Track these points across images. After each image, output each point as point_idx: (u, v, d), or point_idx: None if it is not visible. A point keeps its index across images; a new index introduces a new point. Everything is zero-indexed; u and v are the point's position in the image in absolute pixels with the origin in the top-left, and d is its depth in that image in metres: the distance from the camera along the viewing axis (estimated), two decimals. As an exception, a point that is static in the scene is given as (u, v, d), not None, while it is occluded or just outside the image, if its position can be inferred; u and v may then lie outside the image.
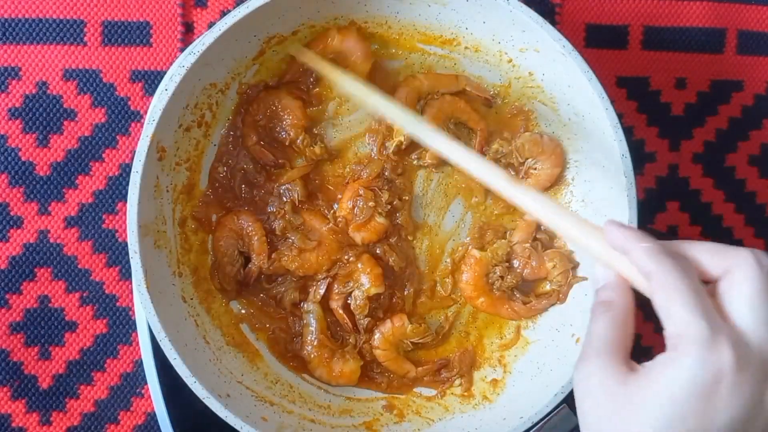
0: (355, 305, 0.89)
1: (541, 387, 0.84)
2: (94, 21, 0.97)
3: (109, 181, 0.97)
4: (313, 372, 0.89)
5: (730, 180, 1.06)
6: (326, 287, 0.89)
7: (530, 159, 0.90)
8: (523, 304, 0.90)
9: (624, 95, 1.04)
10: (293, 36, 0.88)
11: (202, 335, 0.85)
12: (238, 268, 0.89)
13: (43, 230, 0.97)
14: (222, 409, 0.79)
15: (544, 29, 0.81)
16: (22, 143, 0.96)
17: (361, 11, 0.88)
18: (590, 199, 0.88)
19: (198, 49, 0.79)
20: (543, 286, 0.91)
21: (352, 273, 0.89)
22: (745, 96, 1.06)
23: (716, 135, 1.05)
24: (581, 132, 0.87)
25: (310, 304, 0.89)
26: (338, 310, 0.89)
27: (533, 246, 0.90)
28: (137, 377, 0.98)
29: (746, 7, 1.06)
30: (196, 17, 0.98)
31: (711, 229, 1.06)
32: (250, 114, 0.89)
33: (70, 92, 0.97)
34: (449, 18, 0.88)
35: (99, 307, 0.97)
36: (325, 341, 0.89)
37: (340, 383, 0.89)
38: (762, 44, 1.06)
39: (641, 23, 1.04)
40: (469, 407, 0.89)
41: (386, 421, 0.88)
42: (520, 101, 0.91)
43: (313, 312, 0.89)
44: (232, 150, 0.89)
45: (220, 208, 0.89)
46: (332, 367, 0.89)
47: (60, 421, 0.97)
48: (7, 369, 0.96)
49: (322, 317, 0.89)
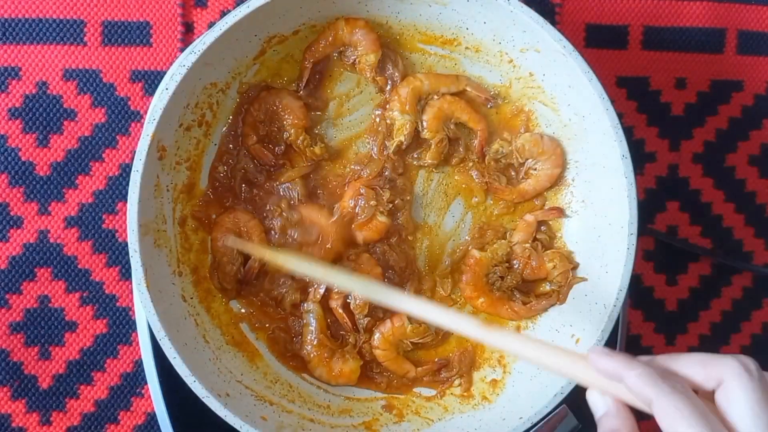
0: (355, 305, 0.89)
1: (541, 388, 0.84)
2: (94, 21, 0.97)
3: (109, 181, 0.97)
4: (313, 371, 0.89)
5: (730, 180, 1.06)
6: (326, 287, 0.89)
7: (530, 159, 0.90)
8: (523, 304, 0.90)
9: (624, 95, 1.04)
10: (294, 35, 0.88)
11: (202, 334, 0.85)
12: (238, 267, 0.89)
13: (43, 230, 0.97)
14: (221, 409, 0.79)
15: (544, 30, 0.81)
16: (22, 143, 0.96)
17: (362, 11, 0.88)
18: (590, 200, 0.88)
19: (199, 48, 0.79)
20: (543, 286, 0.91)
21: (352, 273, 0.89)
22: (745, 96, 1.06)
23: (716, 135, 1.06)
24: (582, 133, 0.87)
25: (310, 304, 0.89)
26: (338, 309, 0.89)
27: (533, 246, 0.90)
28: (137, 377, 0.98)
29: (746, 7, 1.06)
30: (196, 17, 0.98)
31: (711, 229, 1.06)
32: (250, 114, 0.89)
33: (70, 92, 0.97)
34: (450, 18, 0.88)
35: (99, 307, 0.97)
36: (324, 341, 0.89)
37: (340, 383, 0.89)
38: (762, 44, 1.06)
39: (641, 23, 1.04)
40: (468, 407, 0.89)
41: (385, 421, 0.88)
42: (520, 102, 0.91)
43: (313, 311, 0.89)
44: (232, 150, 0.89)
45: (220, 207, 0.89)
46: (332, 367, 0.89)
47: (60, 421, 0.97)
48: (7, 369, 0.96)
49: (322, 317, 0.89)
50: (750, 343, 1.06)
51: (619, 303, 0.82)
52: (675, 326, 1.05)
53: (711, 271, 1.06)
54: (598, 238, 0.86)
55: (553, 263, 0.89)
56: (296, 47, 0.89)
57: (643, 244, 1.05)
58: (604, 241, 0.85)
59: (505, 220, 0.93)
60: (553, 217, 0.91)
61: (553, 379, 0.83)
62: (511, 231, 0.92)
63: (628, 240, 0.81)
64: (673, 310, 1.05)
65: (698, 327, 1.06)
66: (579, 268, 0.89)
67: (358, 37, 0.88)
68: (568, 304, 0.89)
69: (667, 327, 1.05)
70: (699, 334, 1.05)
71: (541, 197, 0.92)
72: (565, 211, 0.91)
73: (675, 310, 1.05)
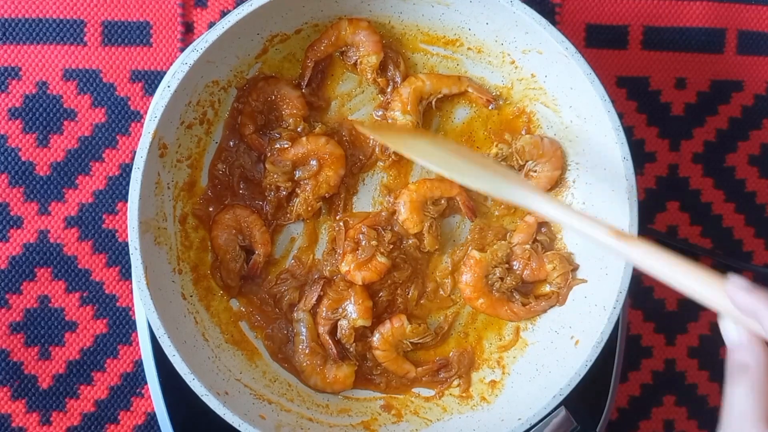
0: (341, 334, 0.89)
1: (540, 389, 0.84)
2: (94, 21, 0.97)
3: (109, 181, 0.97)
4: (307, 381, 0.89)
5: (730, 180, 1.06)
6: (318, 296, 0.89)
7: (530, 161, 0.90)
8: (523, 305, 0.90)
9: (624, 95, 1.04)
10: (296, 34, 0.88)
11: (201, 332, 0.85)
12: (241, 264, 0.89)
13: (43, 230, 0.96)
14: (220, 407, 0.79)
15: (547, 31, 0.81)
16: (22, 143, 0.96)
17: (364, 11, 0.88)
18: (591, 202, 0.88)
19: (201, 46, 0.79)
20: (542, 287, 0.91)
21: (342, 299, 0.89)
22: (745, 96, 1.06)
23: (716, 135, 1.05)
24: (583, 134, 0.87)
25: (301, 313, 0.89)
26: (324, 335, 0.89)
27: (533, 248, 0.90)
28: (137, 377, 0.98)
29: (746, 7, 1.05)
30: (196, 17, 0.98)
31: (711, 229, 1.06)
32: (248, 104, 0.89)
33: (70, 92, 0.96)
34: (452, 19, 0.88)
35: (99, 307, 0.97)
36: (316, 348, 0.89)
37: (336, 389, 0.89)
38: (762, 44, 1.06)
39: (641, 23, 1.04)
40: (467, 408, 0.89)
41: (384, 421, 0.88)
42: (522, 103, 0.91)
43: (304, 320, 0.89)
44: (231, 147, 0.89)
45: (220, 205, 0.89)
46: (326, 374, 0.88)
47: (60, 421, 0.98)
48: (7, 369, 0.96)
49: (312, 326, 0.89)
50: (749, 344, 1.06)
51: (618, 305, 0.82)
52: (675, 326, 1.05)
53: (711, 271, 1.06)
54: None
55: (553, 265, 0.89)
56: (298, 46, 0.89)
57: (643, 245, 1.05)
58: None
59: (505, 221, 0.93)
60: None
61: (552, 381, 0.83)
62: (511, 232, 0.92)
63: (628, 242, 0.81)
64: (673, 310, 1.05)
65: (698, 327, 1.06)
66: (579, 269, 0.89)
67: (361, 38, 0.88)
68: (567, 305, 0.89)
69: (667, 327, 1.05)
70: (699, 334, 1.05)
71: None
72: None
73: (675, 310, 1.05)
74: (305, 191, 0.88)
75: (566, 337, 0.86)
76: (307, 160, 0.88)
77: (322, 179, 0.88)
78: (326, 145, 0.88)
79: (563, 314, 0.89)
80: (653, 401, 1.05)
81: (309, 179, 0.88)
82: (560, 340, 0.87)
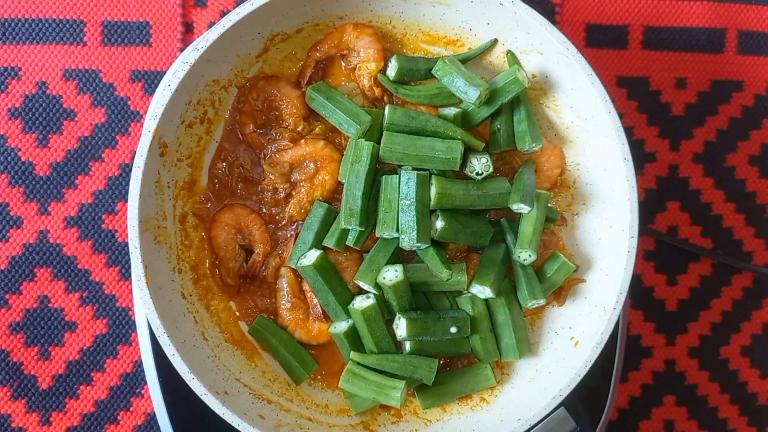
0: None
1: (539, 389, 0.84)
2: (94, 21, 0.97)
3: (109, 181, 0.97)
4: (292, 335, 0.89)
5: (730, 180, 1.06)
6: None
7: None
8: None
9: (624, 95, 1.04)
10: (297, 34, 0.88)
11: (201, 332, 0.85)
12: (241, 263, 0.89)
13: (42, 230, 0.97)
14: (220, 407, 0.79)
15: (548, 31, 0.81)
16: (22, 143, 0.96)
17: (365, 10, 0.88)
18: (591, 203, 0.88)
19: (202, 45, 0.79)
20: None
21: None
22: (745, 96, 1.06)
23: (716, 135, 1.06)
24: (583, 135, 0.87)
25: (282, 269, 0.89)
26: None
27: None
28: (137, 377, 0.98)
29: (746, 7, 1.06)
30: (196, 17, 0.98)
31: (711, 229, 1.06)
32: (248, 103, 0.89)
33: (70, 92, 0.97)
34: (453, 19, 0.87)
35: (99, 307, 0.98)
36: (298, 303, 0.89)
37: (320, 341, 0.89)
38: (762, 44, 1.06)
39: (641, 23, 1.04)
40: (466, 409, 0.89)
41: (383, 421, 0.88)
42: (522, 103, 0.91)
43: (284, 276, 0.89)
44: (230, 146, 0.89)
45: (220, 204, 0.89)
46: (309, 328, 0.88)
47: (60, 421, 0.98)
48: (7, 369, 0.96)
49: (293, 280, 0.89)
50: (750, 343, 1.07)
51: (618, 306, 0.82)
52: (675, 326, 1.05)
53: (711, 271, 1.06)
54: (598, 240, 0.86)
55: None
56: (299, 46, 0.89)
57: (644, 244, 1.05)
58: (605, 243, 0.85)
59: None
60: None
61: (552, 381, 0.83)
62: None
63: (628, 243, 0.81)
64: (673, 310, 1.05)
65: (698, 327, 1.06)
66: (578, 270, 0.89)
67: (364, 43, 0.88)
68: (567, 306, 0.89)
69: (667, 327, 1.05)
70: (699, 334, 1.05)
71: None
72: (566, 216, 0.90)
73: (675, 310, 1.05)
74: (300, 193, 0.89)
75: (566, 338, 0.86)
76: (304, 163, 0.88)
77: (318, 182, 0.88)
78: (324, 149, 0.88)
79: (563, 315, 0.89)
80: (653, 401, 1.05)
81: (305, 181, 0.88)
82: (560, 341, 0.87)
